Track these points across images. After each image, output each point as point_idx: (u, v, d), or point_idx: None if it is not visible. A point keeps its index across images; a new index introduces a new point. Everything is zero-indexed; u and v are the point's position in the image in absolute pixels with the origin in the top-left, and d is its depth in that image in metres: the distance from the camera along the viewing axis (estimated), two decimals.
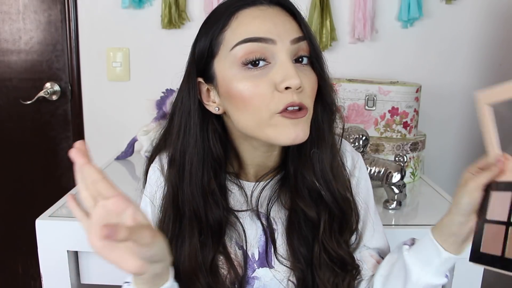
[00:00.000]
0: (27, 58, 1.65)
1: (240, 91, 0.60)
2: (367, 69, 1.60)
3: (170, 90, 1.49)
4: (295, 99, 0.59)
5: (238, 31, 0.61)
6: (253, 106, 0.60)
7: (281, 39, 0.60)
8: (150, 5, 1.58)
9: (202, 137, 0.65)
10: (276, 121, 0.60)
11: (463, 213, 0.61)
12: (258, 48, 0.59)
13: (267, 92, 0.59)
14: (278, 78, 0.59)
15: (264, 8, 0.62)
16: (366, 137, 1.16)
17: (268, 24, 0.60)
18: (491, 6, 1.57)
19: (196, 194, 0.65)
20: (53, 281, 1.05)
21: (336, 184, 0.69)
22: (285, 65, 0.59)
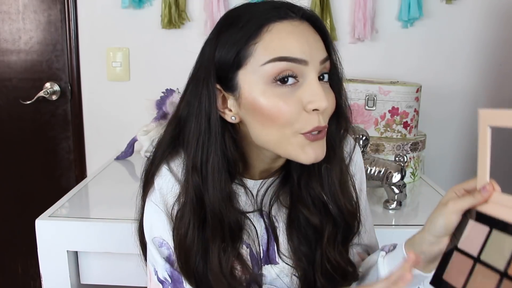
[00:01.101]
0: (27, 58, 1.65)
1: (269, 107, 0.59)
2: (367, 69, 1.60)
3: (170, 90, 1.49)
4: (321, 123, 0.61)
5: (271, 47, 0.59)
6: (279, 123, 0.60)
7: (312, 59, 0.60)
8: (150, 5, 1.58)
9: (222, 145, 0.64)
10: (298, 140, 0.61)
11: (435, 233, 0.58)
12: (290, 67, 0.59)
13: (295, 111, 0.59)
14: (307, 99, 0.59)
15: (297, 24, 0.61)
16: (366, 137, 1.16)
17: (303, 44, 0.59)
18: (491, 6, 1.57)
19: (219, 201, 0.64)
20: (53, 281, 1.05)
21: (343, 199, 0.69)
22: (314, 86, 0.59)
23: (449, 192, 0.59)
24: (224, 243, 0.65)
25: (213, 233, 0.65)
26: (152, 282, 0.70)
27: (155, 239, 0.69)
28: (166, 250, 0.68)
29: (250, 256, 0.70)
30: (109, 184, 1.32)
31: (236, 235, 0.67)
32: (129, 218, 1.03)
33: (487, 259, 0.51)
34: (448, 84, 1.63)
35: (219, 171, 0.64)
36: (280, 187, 0.72)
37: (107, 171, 1.43)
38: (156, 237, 0.69)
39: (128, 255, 1.02)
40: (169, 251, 0.68)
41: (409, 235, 0.76)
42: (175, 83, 1.50)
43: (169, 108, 1.50)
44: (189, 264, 0.65)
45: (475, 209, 0.55)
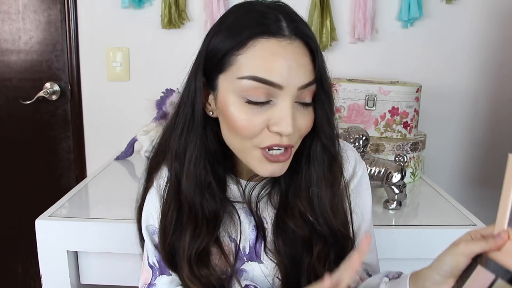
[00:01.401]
0: (27, 58, 1.65)
1: (235, 119, 0.61)
2: (367, 69, 1.60)
3: (170, 90, 1.49)
4: (284, 142, 0.61)
5: (251, 63, 0.59)
6: (241, 136, 0.61)
7: (289, 84, 0.59)
8: (150, 5, 1.58)
9: (202, 136, 0.66)
10: (256, 155, 0.62)
11: (441, 273, 0.55)
12: (264, 90, 0.59)
13: (257, 128, 0.60)
14: (272, 120, 0.60)
15: (285, 43, 0.59)
16: (366, 137, 1.16)
17: (282, 67, 0.58)
18: (492, 6, 1.57)
19: (192, 190, 0.66)
20: (53, 281, 1.05)
21: (335, 221, 0.68)
22: (284, 110, 0.59)
23: (465, 234, 0.56)
24: (197, 229, 0.67)
25: (186, 218, 0.67)
26: (144, 266, 0.74)
27: (149, 226, 0.73)
28: (157, 238, 0.72)
29: (234, 249, 0.71)
30: (109, 184, 1.32)
31: (211, 224, 0.67)
32: (129, 218, 1.03)
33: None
34: (448, 84, 1.63)
35: (196, 159, 0.66)
36: (271, 188, 0.72)
37: (107, 171, 1.43)
38: (150, 225, 0.73)
39: (128, 255, 1.02)
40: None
41: (409, 235, 0.77)
42: (175, 83, 1.49)
43: (169, 108, 1.50)
44: (165, 245, 0.68)
45: (486, 255, 0.53)
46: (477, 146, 1.69)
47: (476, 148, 1.69)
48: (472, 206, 1.35)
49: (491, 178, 1.70)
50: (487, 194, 1.70)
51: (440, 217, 1.12)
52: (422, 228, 1.05)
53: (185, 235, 0.67)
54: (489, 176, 1.70)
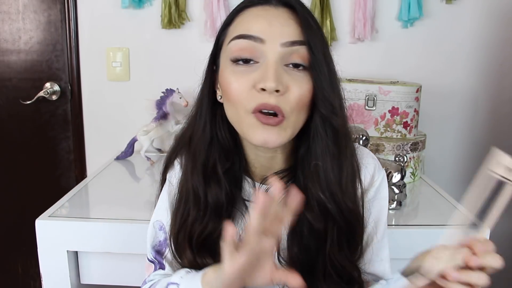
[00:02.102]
0: (27, 58, 1.65)
1: (226, 84, 0.63)
2: (367, 69, 1.60)
3: (170, 90, 1.49)
4: (271, 101, 0.59)
5: (237, 27, 0.63)
6: (233, 101, 0.62)
7: (271, 39, 0.60)
8: (150, 5, 1.58)
9: (210, 122, 0.67)
10: (249, 120, 0.61)
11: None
12: (248, 46, 0.61)
13: (245, 89, 0.61)
14: (257, 77, 0.60)
15: (269, 8, 0.62)
16: (366, 137, 1.16)
17: (263, 23, 0.61)
18: (492, 6, 1.57)
19: (197, 174, 0.67)
20: (53, 281, 1.05)
21: (342, 196, 0.66)
22: (267, 66, 0.60)
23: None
24: (199, 213, 0.67)
25: (191, 203, 0.68)
26: (147, 261, 0.76)
27: (156, 222, 0.74)
28: (163, 234, 0.73)
29: None
30: (109, 184, 1.32)
31: (213, 213, 0.67)
32: (129, 218, 1.03)
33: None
34: (448, 84, 1.63)
35: (202, 147, 0.67)
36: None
37: (107, 171, 1.43)
38: (157, 221, 0.74)
39: (128, 255, 1.02)
40: (166, 235, 0.72)
41: (409, 235, 0.76)
42: (175, 83, 1.50)
43: (169, 108, 1.50)
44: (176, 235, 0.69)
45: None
46: (477, 146, 1.69)
47: (476, 148, 1.69)
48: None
49: None
50: None
51: (440, 217, 1.12)
52: (422, 228, 1.05)
53: (189, 219, 0.68)
54: None
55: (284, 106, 0.60)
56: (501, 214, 0.53)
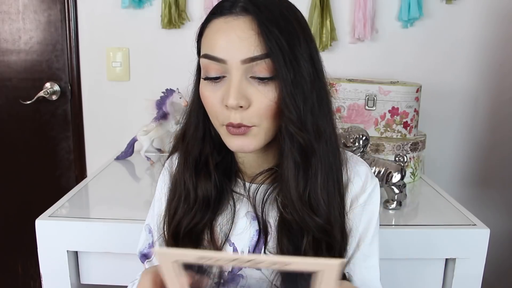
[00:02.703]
0: (27, 58, 1.65)
1: (203, 97, 0.65)
2: (367, 69, 1.60)
3: (170, 90, 1.49)
4: (235, 119, 0.62)
5: (204, 43, 0.65)
6: (209, 113, 0.66)
7: (231, 58, 0.60)
8: (150, 5, 1.58)
9: (203, 120, 0.69)
10: (223, 131, 0.65)
11: None
12: (214, 66, 0.62)
13: (216, 104, 0.63)
14: (223, 95, 0.62)
15: (230, 19, 0.61)
16: (366, 137, 1.16)
17: (223, 42, 0.61)
18: (491, 6, 1.57)
19: (189, 169, 0.70)
20: (53, 281, 1.05)
21: (308, 212, 0.64)
22: (229, 84, 0.61)
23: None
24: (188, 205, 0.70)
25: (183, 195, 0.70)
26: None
27: (146, 226, 0.79)
28: (151, 237, 0.78)
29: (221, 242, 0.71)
30: (109, 184, 1.32)
31: (200, 205, 0.69)
32: (129, 218, 1.03)
33: None
34: (448, 84, 1.63)
35: (194, 142, 0.70)
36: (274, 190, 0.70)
37: (107, 171, 1.43)
38: (147, 224, 0.79)
39: (128, 255, 1.02)
40: (153, 238, 0.77)
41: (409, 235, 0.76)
42: (175, 83, 1.50)
43: (169, 108, 1.50)
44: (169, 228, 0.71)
45: None
46: (477, 146, 1.69)
47: (476, 148, 1.69)
48: (472, 206, 1.35)
49: (491, 178, 1.70)
50: (487, 194, 1.70)
51: (440, 217, 1.12)
52: (422, 228, 1.05)
53: (178, 212, 0.70)
54: (489, 176, 1.70)
55: (249, 120, 0.62)
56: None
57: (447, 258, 1.06)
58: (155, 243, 0.76)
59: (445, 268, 1.08)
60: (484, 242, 1.03)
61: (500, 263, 1.63)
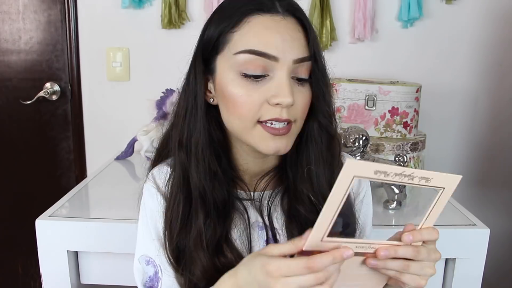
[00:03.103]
0: (27, 58, 1.65)
1: (234, 96, 0.62)
2: (367, 69, 1.60)
3: (170, 90, 1.49)
4: (283, 115, 0.61)
5: (246, 38, 0.61)
6: (242, 113, 0.62)
7: (285, 56, 0.60)
8: (150, 5, 1.58)
9: (207, 122, 0.66)
10: (258, 132, 0.62)
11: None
12: (261, 63, 0.60)
13: (258, 103, 0.61)
14: (271, 92, 0.60)
15: (278, 19, 0.61)
16: (366, 137, 1.16)
17: (277, 40, 0.60)
18: (491, 6, 1.57)
19: (203, 177, 0.66)
20: (53, 281, 1.05)
21: None
22: (281, 82, 0.60)
23: None
24: (208, 218, 0.66)
25: (196, 208, 0.66)
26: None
27: (142, 257, 0.71)
28: (152, 268, 0.70)
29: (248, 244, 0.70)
30: (109, 184, 1.32)
31: (221, 213, 0.67)
32: (129, 218, 1.03)
33: None
34: (448, 84, 1.63)
35: (203, 146, 0.66)
36: (281, 196, 0.71)
37: (107, 171, 1.43)
38: (142, 256, 0.71)
39: (128, 255, 1.01)
40: (155, 268, 0.70)
41: None
42: (175, 83, 1.48)
43: (169, 108, 1.50)
44: (172, 242, 0.67)
45: None
46: (477, 146, 1.69)
47: (476, 148, 1.69)
48: (472, 206, 1.35)
49: (491, 178, 1.70)
50: (487, 194, 1.70)
51: (440, 217, 1.11)
52: None
53: (195, 224, 0.66)
54: (489, 176, 1.70)
55: (292, 117, 0.62)
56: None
57: (447, 258, 1.06)
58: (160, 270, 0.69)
59: (445, 268, 1.08)
60: (484, 242, 1.03)
61: (500, 263, 1.63)
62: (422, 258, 0.55)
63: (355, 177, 0.47)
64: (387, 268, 0.55)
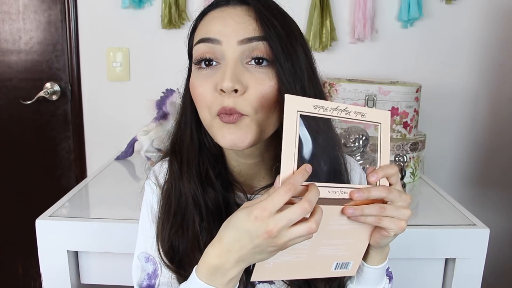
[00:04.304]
0: (27, 58, 1.65)
1: (192, 88, 0.63)
2: (367, 69, 1.60)
3: (170, 90, 1.49)
4: (227, 103, 0.58)
5: (199, 33, 0.63)
6: (200, 105, 0.62)
7: (227, 39, 0.59)
8: (150, 5, 1.58)
9: (196, 129, 0.67)
10: (217, 123, 0.60)
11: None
12: (208, 49, 0.60)
13: (208, 93, 0.60)
14: (217, 79, 0.59)
15: (226, 9, 0.62)
16: (366, 137, 1.16)
17: (219, 25, 0.60)
18: (491, 6, 1.57)
19: (193, 182, 0.66)
20: (53, 281, 1.05)
21: None
22: (226, 66, 0.59)
23: None
24: (203, 222, 0.66)
25: (190, 212, 0.66)
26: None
27: (141, 254, 0.71)
28: (151, 265, 0.70)
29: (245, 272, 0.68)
30: (109, 184, 1.33)
31: (216, 217, 0.66)
32: (129, 218, 1.03)
33: None
34: (448, 84, 1.63)
35: (194, 153, 0.67)
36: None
37: (107, 171, 1.43)
38: (142, 253, 0.71)
39: (128, 255, 1.01)
40: (155, 265, 0.70)
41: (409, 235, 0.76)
42: (175, 83, 1.49)
43: (169, 108, 1.50)
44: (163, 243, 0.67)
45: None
46: (477, 146, 1.69)
47: (476, 148, 1.69)
48: (472, 206, 1.35)
49: (491, 178, 1.70)
50: (487, 194, 1.70)
51: (440, 217, 1.12)
52: (422, 228, 1.05)
53: (192, 230, 0.65)
54: (489, 176, 1.70)
55: (243, 107, 0.58)
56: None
57: (447, 258, 1.07)
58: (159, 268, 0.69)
59: (445, 268, 1.08)
60: (484, 242, 1.03)
61: (500, 263, 1.63)
62: (394, 197, 0.56)
63: (298, 111, 0.51)
64: (365, 214, 0.55)
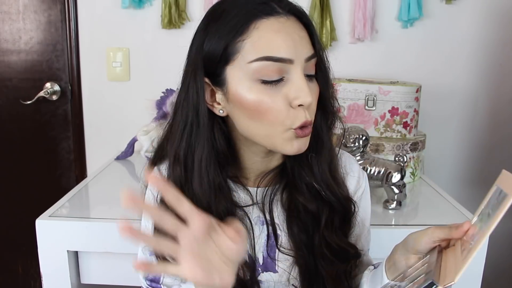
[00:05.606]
0: (27, 58, 1.65)
1: (256, 103, 0.61)
2: (367, 69, 1.60)
3: (170, 90, 1.49)
4: (308, 118, 0.62)
5: (258, 45, 0.60)
6: (269, 119, 0.61)
7: (298, 57, 0.61)
8: (150, 5, 1.58)
9: (210, 137, 0.65)
10: (287, 135, 0.63)
11: (406, 246, 0.63)
12: (278, 68, 0.60)
13: (283, 108, 0.61)
14: (292, 95, 0.61)
15: (283, 20, 0.61)
16: (366, 137, 1.16)
17: (289, 43, 0.60)
18: (491, 6, 1.57)
19: (207, 191, 0.65)
20: (53, 281, 1.05)
21: (336, 185, 0.71)
22: (299, 82, 0.61)
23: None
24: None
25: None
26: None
27: (146, 247, 0.73)
28: (155, 259, 0.70)
29: (251, 259, 0.70)
30: (109, 184, 1.33)
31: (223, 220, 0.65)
32: (129, 218, 1.03)
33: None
34: (448, 84, 1.63)
35: (207, 161, 0.65)
36: (281, 191, 0.73)
37: (107, 171, 1.43)
38: (146, 246, 0.72)
39: (128, 255, 1.02)
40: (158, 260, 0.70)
41: None
42: (175, 83, 1.47)
43: (169, 108, 1.50)
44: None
45: (441, 253, 0.59)
46: (477, 146, 1.69)
47: (476, 148, 1.69)
48: (472, 206, 1.34)
49: (491, 178, 1.70)
50: None
51: (440, 217, 1.12)
52: (422, 228, 1.05)
53: None
54: (489, 176, 1.70)
55: (312, 116, 0.65)
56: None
57: None
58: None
59: None
60: None
61: (500, 263, 1.63)
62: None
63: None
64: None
